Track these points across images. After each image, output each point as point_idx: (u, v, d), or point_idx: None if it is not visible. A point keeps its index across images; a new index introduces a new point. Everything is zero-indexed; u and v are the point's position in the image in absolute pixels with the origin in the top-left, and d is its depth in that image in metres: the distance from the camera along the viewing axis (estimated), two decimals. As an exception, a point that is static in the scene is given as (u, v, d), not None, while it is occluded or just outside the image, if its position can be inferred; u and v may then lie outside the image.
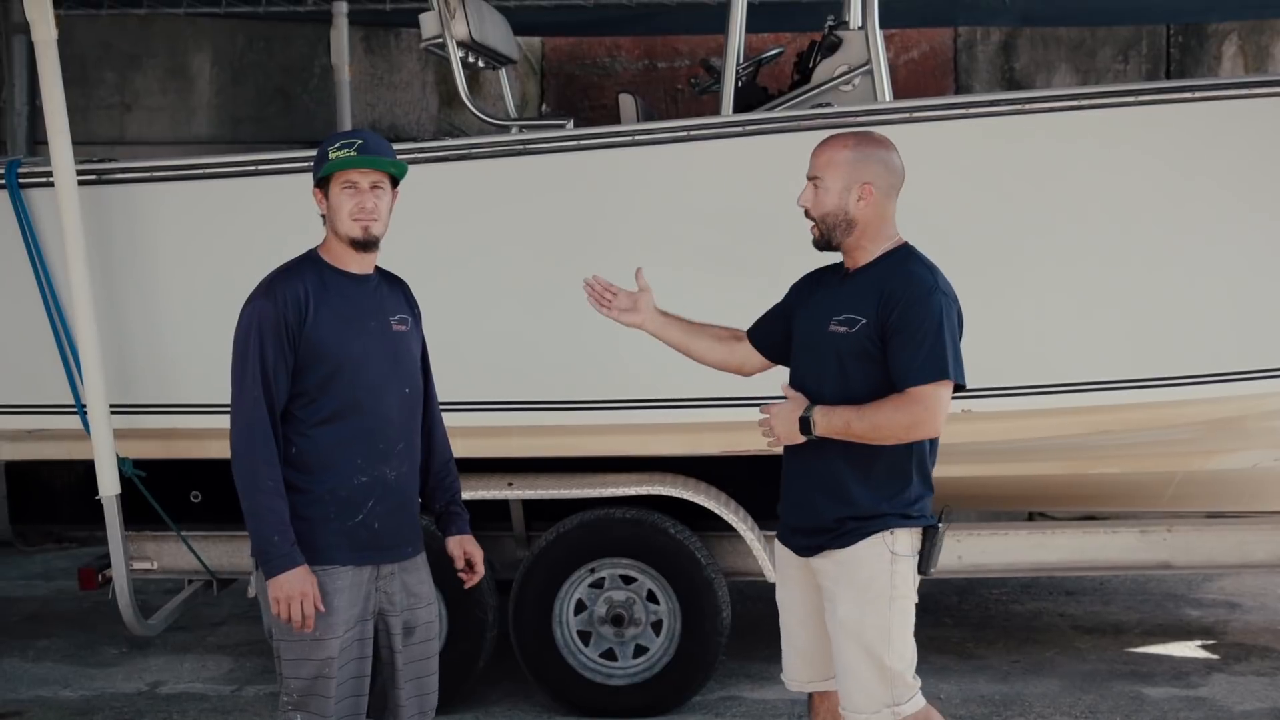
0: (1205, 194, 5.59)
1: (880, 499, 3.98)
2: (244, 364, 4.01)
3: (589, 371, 5.86)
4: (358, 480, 4.11)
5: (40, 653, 7.33)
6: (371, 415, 4.13)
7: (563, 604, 6.17)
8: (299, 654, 4.09)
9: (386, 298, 4.25)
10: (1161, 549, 6.34)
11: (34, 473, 6.61)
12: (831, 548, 4.04)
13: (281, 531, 3.96)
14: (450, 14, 6.17)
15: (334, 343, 4.06)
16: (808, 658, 4.26)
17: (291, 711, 4.13)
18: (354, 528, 4.11)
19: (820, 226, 4.09)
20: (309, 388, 4.06)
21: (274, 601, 3.96)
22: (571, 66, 10.56)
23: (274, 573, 3.96)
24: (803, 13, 8.60)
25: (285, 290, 4.03)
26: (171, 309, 5.95)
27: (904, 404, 3.88)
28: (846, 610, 4.01)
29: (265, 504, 3.96)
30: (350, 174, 4.06)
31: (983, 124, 5.58)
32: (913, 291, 3.91)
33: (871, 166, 4.01)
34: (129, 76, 10.52)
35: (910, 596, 4.04)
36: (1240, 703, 6.19)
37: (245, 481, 3.99)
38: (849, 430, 3.92)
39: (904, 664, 4.02)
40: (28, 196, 5.89)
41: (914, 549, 4.04)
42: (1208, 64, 10.20)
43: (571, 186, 5.81)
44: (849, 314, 3.99)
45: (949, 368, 3.88)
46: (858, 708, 4.02)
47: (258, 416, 3.98)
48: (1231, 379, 5.67)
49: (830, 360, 4.04)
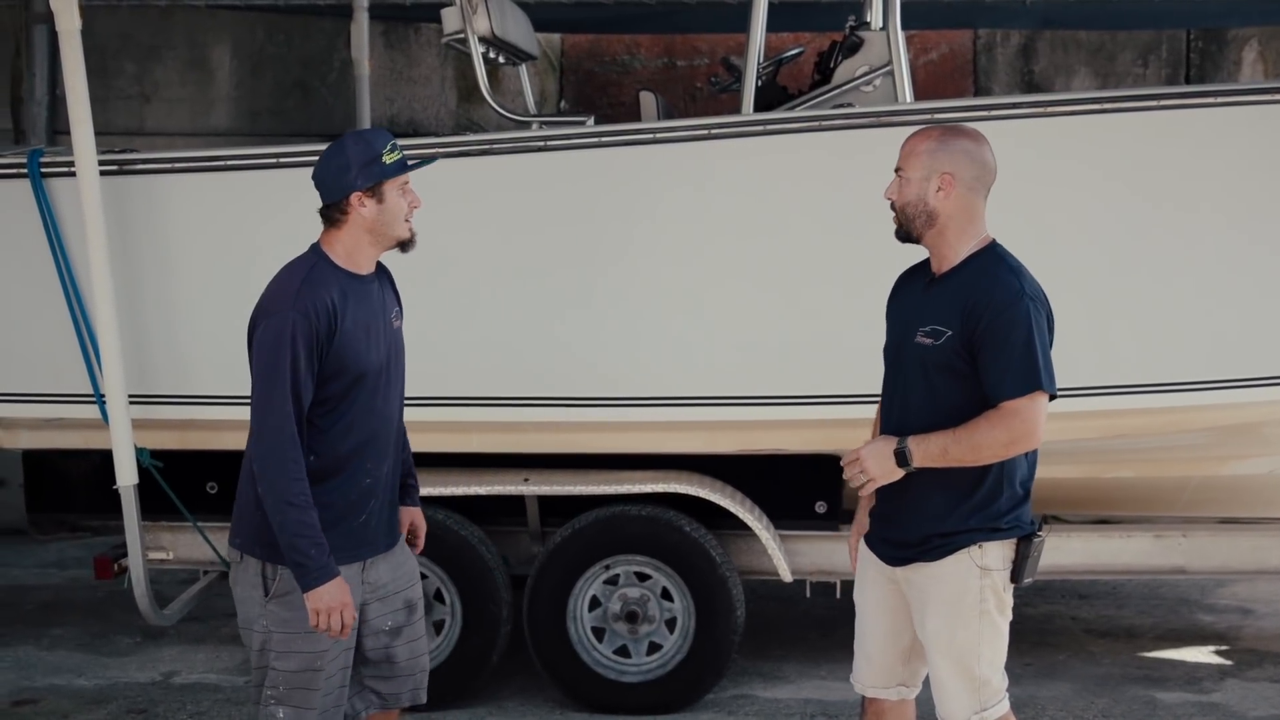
0: (1223, 198, 5.58)
1: (967, 515, 3.92)
2: (275, 375, 3.93)
3: (606, 368, 5.86)
4: (365, 483, 4.14)
5: (54, 641, 7.35)
6: (380, 418, 4.16)
7: (577, 600, 6.17)
8: (290, 648, 4.07)
9: (385, 294, 4.25)
10: (1176, 554, 6.33)
11: (51, 462, 6.62)
12: (920, 560, 4.00)
13: (318, 545, 3.93)
14: (472, 9, 6.17)
15: (358, 353, 4.05)
16: (874, 663, 4.23)
17: (274, 706, 4.10)
18: (358, 528, 4.14)
19: (900, 217, 4.01)
20: (331, 397, 4.03)
21: (313, 613, 3.93)
22: (590, 64, 10.57)
23: (313, 585, 3.93)
24: (823, 13, 8.61)
25: (315, 302, 3.96)
26: (191, 301, 5.96)
27: (999, 420, 3.80)
28: (936, 625, 3.99)
29: (298, 519, 3.91)
30: (406, 176, 4.10)
31: (1001, 126, 5.57)
32: (999, 300, 3.83)
33: (953, 158, 3.91)
34: (149, 68, 10.55)
35: (1001, 608, 3.99)
36: (1253, 708, 6.18)
37: (276, 496, 3.93)
38: (947, 456, 3.84)
39: (992, 670, 4.00)
40: (49, 186, 5.90)
41: (1006, 561, 3.95)
42: (1228, 69, 10.19)
43: (591, 183, 5.81)
44: (934, 324, 3.92)
45: (1042, 378, 3.80)
46: (949, 715, 4.03)
47: (288, 432, 3.92)
48: (1248, 384, 5.66)
49: (916, 372, 3.98)
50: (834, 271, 5.68)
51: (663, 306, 5.78)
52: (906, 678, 4.22)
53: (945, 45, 10.28)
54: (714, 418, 5.88)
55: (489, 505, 6.24)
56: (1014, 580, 3.98)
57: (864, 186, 5.49)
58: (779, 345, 5.75)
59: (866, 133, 5.63)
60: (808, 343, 5.73)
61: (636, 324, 5.82)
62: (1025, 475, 3.99)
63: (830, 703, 6.27)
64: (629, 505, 6.12)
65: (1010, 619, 4.05)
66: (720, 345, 5.77)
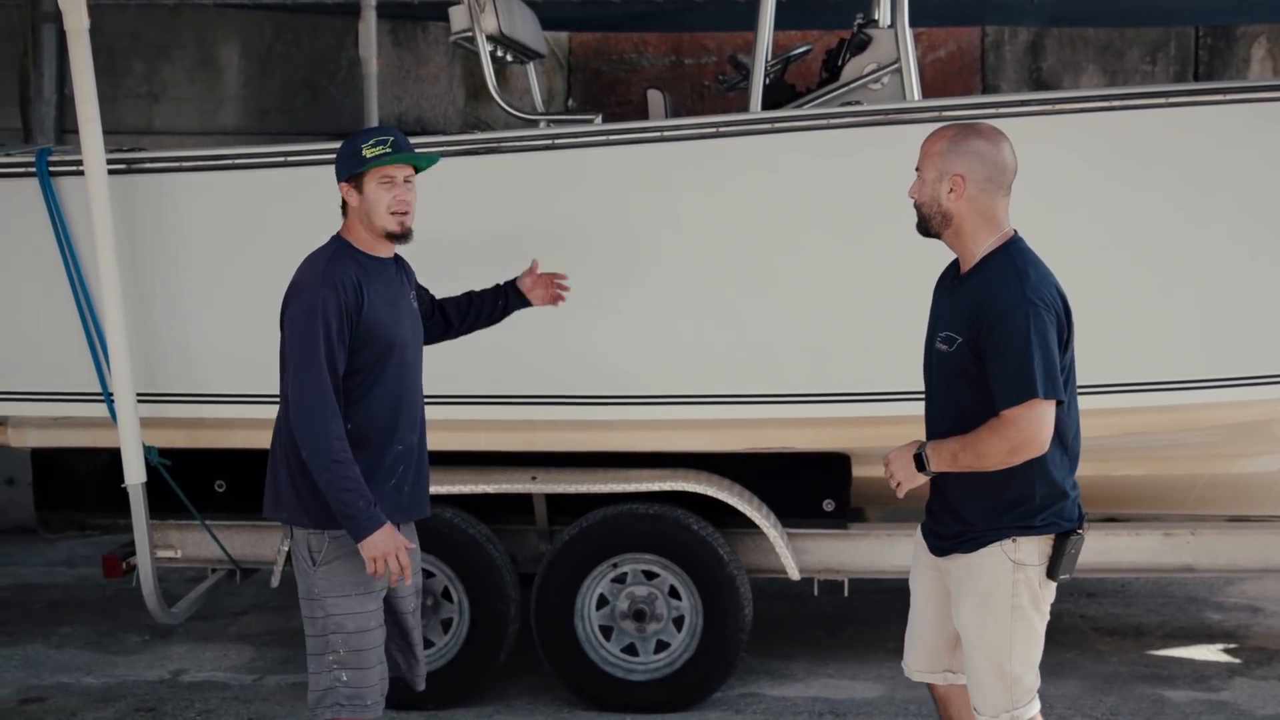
0: (1233, 195, 5.56)
1: (999, 514, 3.97)
2: (310, 347, 4.22)
3: (613, 366, 5.86)
4: (397, 448, 4.44)
5: (63, 639, 7.37)
6: (407, 389, 4.48)
7: (584, 599, 6.18)
8: (344, 609, 4.35)
9: (403, 277, 4.56)
10: (1185, 552, 6.32)
11: (59, 460, 6.64)
12: (957, 552, 4.06)
13: (365, 497, 4.23)
14: (480, 8, 6.17)
15: (384, 324, 4.34)
16: (922, 649, 4.33)
17: (338, 670, 4.36)
18: (390, 491, 4.42)
19: (919, 214, 4.07)
20: (364, 366, 4.32)
21: (369, 561, 4.23)
22: (598, 62, 10.55)
23: (365, 534, 4.21)
24: (831, 10, 8.57)
25: (342, 276, 4.28)
26: (199, 299, 5.97)
27: (999, 429, 3.85)
28: (968, 616, 4.04)
29: (343, 474, 4.21)
30: (387, 169, 4.33)
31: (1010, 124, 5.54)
32: (998, 308, 3.86)
33: (965, 159, 3.94)
34: (157, 66, 10.54)
35: (1036, 604, 4.01)
36: (1262, 707, 6.17)
37: (321, 457, 4.21)
38: (957, 463, 3.92)
39: (1025, 668, 4.02)
40: (57, 185, 5.91)
41: (1042, 556, 3.98)
42: (1236, 66, 10.15)
43: (599, 181, 5.81)
44: (948, 330, 3.99)
45: (1037, 386, 3.80)
46: (981, 709, 4.07)
47: (327, 394, 4.22)
48: (1257, 382, 5.65)
49: (936, 375, 4.08)
50: (842, 269, 5.68)
51: (670, 305, 5.78)
52: (953, 664, 4.28)
53: (953, 42, 10.26)
54: (721, 416, 5.88)
55: (497, 503, 6.25)
56: (1050, 576, 4.00)
57: (872, 184, 5.52)
58: (787, 343, 5.74)
59: (874, 130, 5.62)
60: (815, 341, 5.73)
61: (644, 322, 5.82)
62: (1064, 473, 4.01)
63: (838, 701, 6.27)
64: (636, 504, 6.13)
65: (1047, 618, 4.07)
66: (728, 343, 5.77)
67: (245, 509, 6.08)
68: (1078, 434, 4.06)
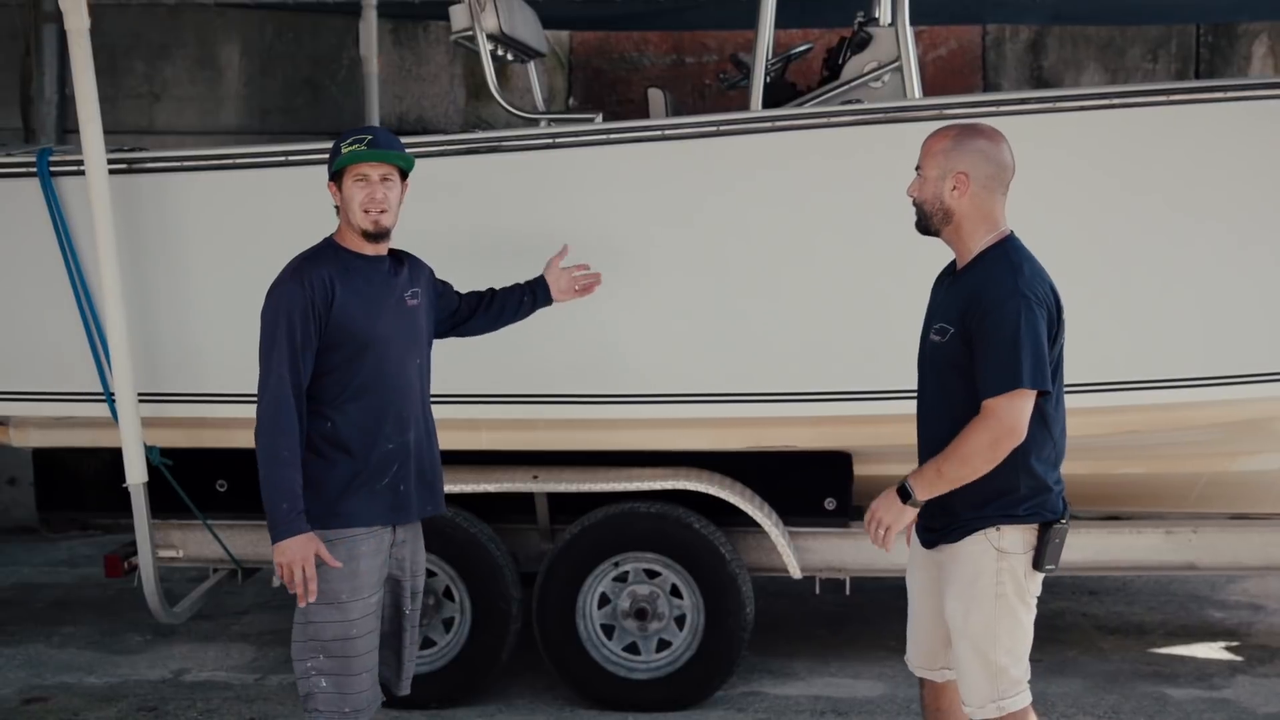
0: (1233, 193, 5.56)
1: (981, 504, 3.99)
2: (273, 344, 4.26)
3: (615, 365, 5.86)
4: (386, 448, 4.40)
5: (65, 639, 7.37)
6: (395, 387, 4.41)
7: (586, 597, 6.18)
8: (323, 617, 4.32)
9: (399, 276, 4.50)
10: (1187, 550, 6.32)
11: (61, 460, 6.64)
12: (944, 542, 4.09)
13: (291, 500, 4.20)
14: (481, 7, 6.17)
15: (359, 322, 4.32)
16: (919, 644, 4.36)
17: (316, 676, 4.34)
18: (383, 490, 4.38)
19: (920, 213, 4.10)
20: (338, 364, 4.30)
21: (277, 566, 4.22)
22: (599, 61, 10.55)
23: (279, 538, 4.21)
24: (832, 9, 8.56)
25: (312, 274, 4.29)
26: (200, 299, 5.97)
27: (980, 423, 3.87)
28: (953, 605, 4.07)
29: (280, 474, 4.21)
30: (361, 167, 4.34)
31: (1010, 122, 5.55)
32: (989, 298, 3.89)
33: (968, 157, 3.99)
34: (158, 66, 10.54)
35: (1021, 594, 4.03)
36: (1264, 704, 6.17)
37: (266, 453, 4.23)
38: (943, 477, 3.92)
39: (1010, 659, 4.04)
40: (58, 185, 5.91)
41: (1026, 545, 4.01)
42: (1237, 64, 10.15)
43: (600, 180, 5.81)
44: (942, 322, 4.03)
45: (1023, 375, 3.83)
46: (968, 701, 4.10)
47: (283, 394, 4.22)
48: (1258, 380, 5.65)
49: (930, 370, 4.10)
50: (842, 268, 5.68)
51: (671, 303, 5.78)
52: (949, 661, 4.28)
53: (954, 41, 10.26)
54: (723, 414, 5.88)
55: (498, 503, 6.25)
56: (1036, 566, 4.02)
57: (873, 183, 5.51)
58: (788, 342, 5.74)
59: (875, 129, 5.63)
60: (816, 339, 5.73)
61: (645, 321, 5.82)
62: (1048, 467, 4.03)
63: (840, 699, 6.27)
64: (638, 502, 6.13)
65: (1034, 612, 4.08)
66: (730, 342, 5.77)
67: (247, 508, 6.06)
68: (1064, 431, 4.10)
